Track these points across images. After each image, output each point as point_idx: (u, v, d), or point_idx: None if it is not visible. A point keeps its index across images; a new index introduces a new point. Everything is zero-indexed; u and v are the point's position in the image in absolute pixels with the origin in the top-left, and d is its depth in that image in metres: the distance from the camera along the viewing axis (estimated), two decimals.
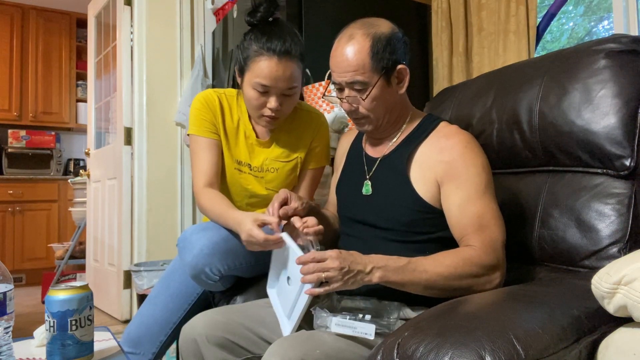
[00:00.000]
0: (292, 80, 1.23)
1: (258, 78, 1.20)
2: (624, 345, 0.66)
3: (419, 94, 2.53)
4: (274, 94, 1.22)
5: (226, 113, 1.36)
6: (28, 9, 4.60)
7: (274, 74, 1.19)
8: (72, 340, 0.93)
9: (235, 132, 1.37)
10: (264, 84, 1.20)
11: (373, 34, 1.04)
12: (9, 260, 4.21)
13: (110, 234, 3.09)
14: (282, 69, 1.20)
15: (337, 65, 1.05)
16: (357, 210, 1.14)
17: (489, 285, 0.95)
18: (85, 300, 0.96)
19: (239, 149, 1.37)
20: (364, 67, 1.03)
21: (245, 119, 1.37)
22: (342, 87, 1.07)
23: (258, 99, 1.23)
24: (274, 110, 1.24)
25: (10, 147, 4.53)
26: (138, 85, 2.82)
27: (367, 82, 1.04)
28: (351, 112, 1.09)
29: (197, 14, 2.96)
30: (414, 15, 2.54)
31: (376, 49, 1.03)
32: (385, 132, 1.15)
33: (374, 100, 1.06)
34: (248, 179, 1.37)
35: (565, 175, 1.11)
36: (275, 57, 1.19)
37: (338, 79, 1.06)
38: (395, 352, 0.68)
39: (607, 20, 2.28)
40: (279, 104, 1.23)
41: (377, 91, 1.05)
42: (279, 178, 1.38)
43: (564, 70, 1.10)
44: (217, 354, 1.02)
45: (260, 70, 1.20)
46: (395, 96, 1.09)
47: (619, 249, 0.99)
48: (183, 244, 1.23)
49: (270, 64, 1.19)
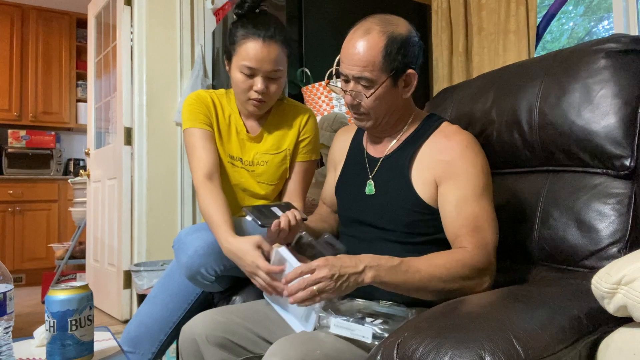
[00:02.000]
0: (277, 63, 1.27)
1: (244, 60, 1.25)
2: (624, 345, 0.66)
3: (419, 94, 2.52)
4: (259, 76, 1.26)
5: (218, 110, 1.39)
6: (28, 9, 4.60)
7: (259, 56, 1.24)
8: (72, 340, 0.93)
9: (227, 128, 1.39)
10: (249, 65, 1.25)
11: (390, 33, 1.02)
12: (9, 260, 4.21)
13: (110, 234, 3.09)
14: (267, 51, 1.24)
15: (348, 56, 1.04)
16: (359, 211, 1.13)
17: (479, 288, 0.95)
18: (85, 300, 0.96)
19: (232, 144, 1.39)
20: (374, 65, 1.02)
21: (236, 115, 1.40)
22: (349, 79, 1.06)
23: (245, 81, 1.28)
24: (260, 93, 1.27)
25: (10, 147, 4.53)
26: (138, 85, 2.82)
27: (375, 80, 1.03)
28: (352, 106, 1.08)
29: (197, 14, 2.96)
30: (414, 15, 2.54)
31: (390, 49, 1.02)
32: (385, 132, 1.14)
33: (377, 99, 1.05)
34: (241, 172, 1.39)
35: (565, 175, 1.11)
36: (260, 39, 1.24)
37: (346, 70, 1.06)
38: (395, 352, 0.68)
39: (607, 20, 2.28)
40: (264, 87, 1.27)
41: (382, 91, 1.05)
42: (269, 171, 1.39)
43: (564, 70, 1.10)
44: (217, 354, 1.02)
45: (246, 53, 1.25)
46: (399, 99, 1.09)
47: (619, 249, 0.99)
48: (178, 245, 1.24)
49: (256, 46, 1.24)
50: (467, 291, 0.94)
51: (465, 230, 0.98)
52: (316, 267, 0.88)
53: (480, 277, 0.95)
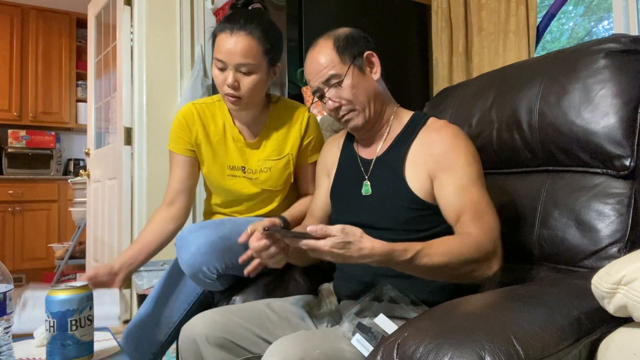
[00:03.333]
0: (246, 55, 1.22)
1: (215, 54, 1.25)
2: (624, 345, 0.66)
3: (419, 94, 2.53)
4: (229, 70, 1.24)
5: (209, 122, 1.37)
6: (28, 9, 4.60)
7: (226, 47, 1.22)
8: (72, 340, 0.93)
9: (222, 138, 1.37)
10: (219, 58, 1.24)
11: (333, 35, 1.13)
12: (9, 260, 4.21)
13: (110, 234, 3.09)
14: (234, 42, 1.22)
15: (310, 72, 1.13)
16: (356, 213, 1.13)
17: (488, 271, 0.95)
18: (85, 300, 0.96)
19: (230, 154, 1.37)
20: (332, 62, 1.10)
21: (230, 123, 1.38)
22: (322, 90, 1.12)
23: (218, 76, 1.27)
24: (231, 87, 1.25)
25: (10, 147, 4.53)
26: (138, 85, 2.82)
27: (340, 73, 1.09)
28: (337, 109, 1.11)
29: (197, 14, 2.96)
30: (414, 15, 2.54)
31: (338, 44, 1.11)
32: (375, 128, 1.15)
33: (352, 87, 1.09)
34: (243, 183, 1.37)
35: (565, 175, 1.11)
36: (229, 31, 1.23)
37: (315, 83, 1.12)
38: (395, 353, 0.68)
39: (607, 20, 2.28)
40: (234, 80, 1.24)
41: (352, 79, 1.09)
42: (273, 177, 1.38)
43: (564, 70, 1.10)
44: (217, 354, 1.02)
45: (218, 46, 1.25)
46: (372, 82, 1.13)
47: (619, 249, 0.99)
48: (180, 243, 1.23)
49: (224, 38, 1.23)
50: (478, 274, 0.94)
51: (468, 215, 0.99)
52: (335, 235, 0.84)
53: (489, 261, 0.95)
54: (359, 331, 0.90)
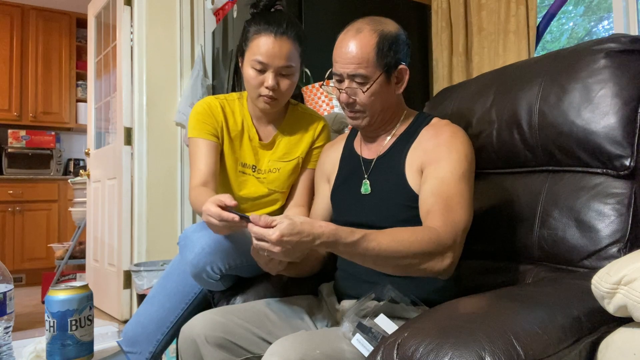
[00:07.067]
0: (289, 59, 1.26)
1: (255, 55, 1.25)
2: (624, 345, 0.66)
3: (419, 94, 2.53)
4: (270, 72, 1.25)
5: (229, 117, 1.38)
6: (28, 9, 4.60)
7: (271, 51, 1.24)
8: (72, 340, 0.94)
9: (240, 135, 1.38)
10: (260, 60, 1.24)
11: (380, 31, 1.06)
12: (9, 260, 4.21)
13: (110, 234, 3.09)
14: (279, 47, 1.24)
15: (342, 56, 1.07)
16: (356, 212, 1.13)
17: (439, 265, 0.94)
18: (85, 300, 0.96)
19: (244, 151, 1.38)
20: (367, 62, 1.05)
21: (248, 122, 1.39)
22: (343, 78, 1.08)
23: (256, 77, 1.27)
24: (270, 89, 1.26)
25: (10, 147, 4.53)
26: (138, 85, 2.82)
27: (369, 76, 1.06)
28: (348, 104, 1.10)
29: (197, 14, 2.96)
30: (414, 15, 2.54)
31: (381, 45, 1.05)
32: (378, 130, 1.15)
33: (372, 95, 1.07)
34: (250, 181, 1.38)
35: (565, 175, 1.11)
36: (272, 35, 1.24)
37: (340, 69, 1.08)
38: (395, 353, 0.68)
39: (607, 20, 2.28)
40: (275, 83, 1.26)
41: (376, 87, 1.07)
42: (281, 178, 1.39)
43: (564, 70, 1.10)
44: (217, 354, 1.02)
45: (257, 48, 1.25)
46: (393, 95, 1.11)
47: (619, 249, 0.99)
48: (184, 242, 1.23)
49: (267, 42, 1.24)
50: (427, 268, 0.93)
51: (437, 207, 0.98)
52: (277, 228, 0.86)
53: (441, 255, 0.93)
54: (359, 331, 0.90)
